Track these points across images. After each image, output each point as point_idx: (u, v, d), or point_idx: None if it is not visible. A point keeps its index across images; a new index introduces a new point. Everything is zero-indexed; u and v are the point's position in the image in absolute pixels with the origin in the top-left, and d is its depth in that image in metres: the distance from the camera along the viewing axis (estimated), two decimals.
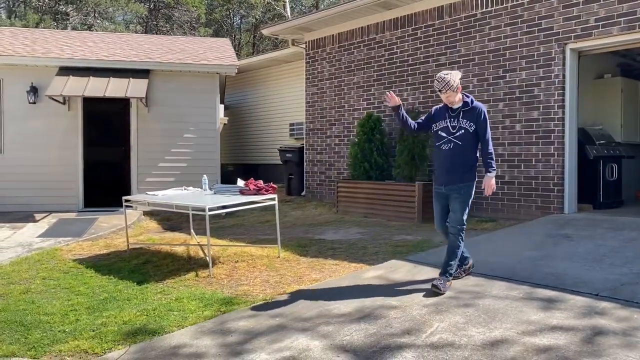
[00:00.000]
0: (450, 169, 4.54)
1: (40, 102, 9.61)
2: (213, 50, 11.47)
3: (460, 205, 4.53)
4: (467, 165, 4.53)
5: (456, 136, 4.50)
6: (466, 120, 4.49)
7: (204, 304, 4.60)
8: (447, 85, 4.42)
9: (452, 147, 4.53)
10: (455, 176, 4.52)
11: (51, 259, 6.74)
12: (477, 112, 4.51)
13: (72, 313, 4.59)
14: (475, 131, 4.50)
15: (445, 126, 4.56)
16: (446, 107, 4.59)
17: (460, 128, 4.50)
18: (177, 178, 10.03)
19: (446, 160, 4.56)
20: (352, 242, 7.06)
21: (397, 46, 9.74)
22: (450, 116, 4.55)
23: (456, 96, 4.50)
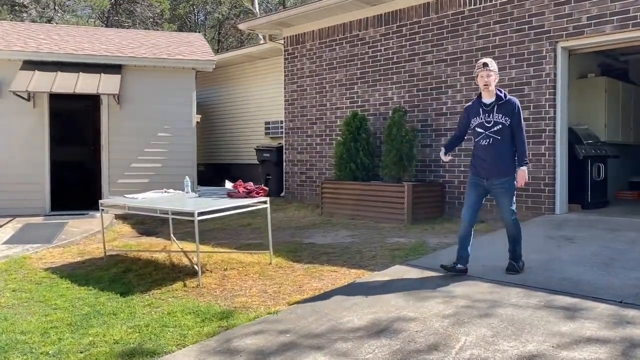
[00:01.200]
0: (492, 163, 4.64)
1: (2, 99, 8.93)
2: (187, 45, 10.97)
3: (509, 198, 4.72)
4: (508, 158, 4.65)
5: (494, 131, 4.61)
6: (501, 115, 4.58)
7: (201, 319, 4.21)
8: (492, 63, 4.61)
9: (492, 142, 4.63)
10: (498, 170, 4.64)
11: (20, 268, 6.20)
12: (512, 106, 4.60)
13: (53, 331, 4.15)
14: (510, 125, 4.59)
15: (481, 122, 4.65)
16: (479, 102, 4.70)
17: (496, 123, 4.59)
18: (152, 179, 9.53)
19: (487, 155, 4.65)
20: (345, 246, 6.78)
21: (381, 43, 9.50)
22: (485, 111, 4.64)
23: (493, 83, 4.60)
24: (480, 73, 4.60)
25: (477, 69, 4.67)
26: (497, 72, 4.69)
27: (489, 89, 4.60)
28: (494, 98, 4.63)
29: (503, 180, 4.65)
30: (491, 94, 4.64)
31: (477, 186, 4.78)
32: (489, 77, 4.56)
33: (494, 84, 4.63)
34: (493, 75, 4.60)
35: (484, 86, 4.61)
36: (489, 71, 4.57)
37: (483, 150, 4.69)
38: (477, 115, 4.68)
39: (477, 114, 4.69)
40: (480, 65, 4.63)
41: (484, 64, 4.60)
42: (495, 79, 4.63)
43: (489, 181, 4.69)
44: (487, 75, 4.56)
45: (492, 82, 4.58)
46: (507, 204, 4.71)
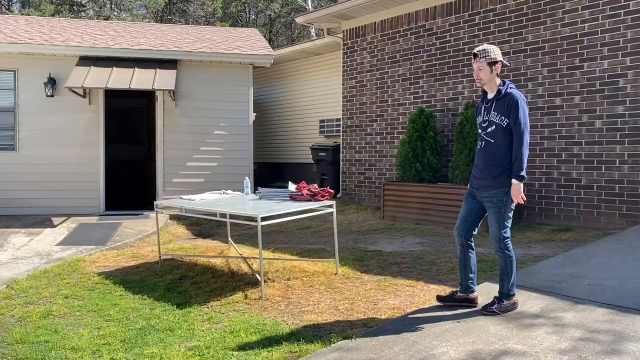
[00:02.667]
0: (482, 171, 3.84)
1: (59, 95, 8.77)
2: (243, 40, 10.57)
3: (495, 216, 3.80)
4: (500, 166, 3.74)
5: (487, 133, 3.81)
6: (497, 113, 3.74)
7: (267, 341, 3.70)
8: (482, 52, 3.73)
9: (484, 146, 3.84)
10: (485, 180, 3.82)
11: (73, 272, 5.91)
12: (508, 102, 3.68)
13: (105, 348, 3.74)
14: (508, 126, 3.70)
15: (480, 122, 3.91)
16: (483, 98, 3.91)
17: (491, 123, 3.77)
18: (207, 179, 9.18)
19: (478, 161, 3.91)
20: (416, 256, 6.15)
21: (450, 34, 8.79)
22: (485, 108, 3.86)
23: (490, 75, 3.74)
24: (473, 66, 3.82)
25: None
26: (498, 60, 3.74)
27: (482, 84, 3.81)
28: (495, 93, 3.79)
29: (492, 192, 3.78)
30: (493, 88, 3.80)
31: (470, 196, 4.00)
32: (479, 70, 3.75)
33: (492, 78, 3.76)
34: (485, 69, 3.73)
35: (476, 81, 3.85)
36: (479, 63, 3.73)
37: (477, 155, 3.94)
38: (480, 113, 3.92)
39: (479, 113, 3.93)
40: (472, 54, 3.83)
41: (474, 55, 3.79)
42: (490, 72, 3.74)
43: (479, 192, 3.88)
44: (477, 68, 3.76)
45: (484, 77, 3.75)
46: (494, 224, 3.80)
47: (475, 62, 3.77)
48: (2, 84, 8.81)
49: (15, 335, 4.03)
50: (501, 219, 3.78)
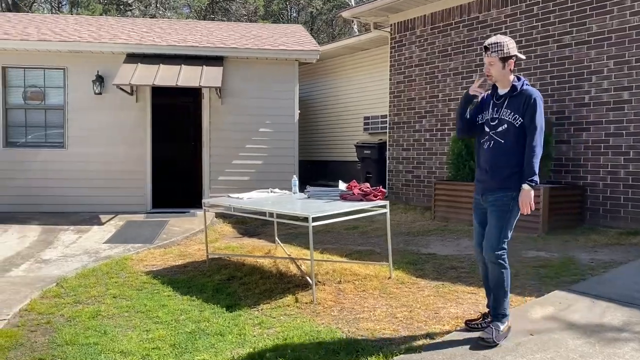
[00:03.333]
0: (488, 173, 3.47)
1: (107, 93, 8.80)
2: (289, 36, 10.40)
3: (496, 222, 3.37)
4: (509, 168, 3.37)
5: (497, 132, 3.42)
6: (510, 111, 3.36)
7: (324, 350, 3.48)
8: (495, 46, 3.35)
9: (493, 146, 3.45)
10: (492, 182, 3.43)
11: (121, 270, 5.84)
12: (524, 100, 3.31)
13: (155, 353, 3.59)
14: (522, 126, 3.33)
15: (487, 119, 3.49)
16: (493, 92, 3.51)
17: (502, 121, 3.39)
18: (252, 177, 9.05)
19: (484, 162, 3.51)
20: (474, 260, 5.79)
21: (506, 25, 8.36)
22: (495, 105, 3.47)
23: (502, 70, 3.37)
24: (485, 60, 3.44)
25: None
26: (512, 55, 3.36)
27: (493, 81, 3.45)
28: (508, 89, 3.41)
29: (498, 195, 3.38)
30: (505, 84, 3.42)
31: (477, 207, 3.60)
32: (490, 65, 3.38)
33: (505, 74, 3.39)
34: (497, 64, 3.35)
35: (487, 77, 3.47)
36: (491, 58, 3.37)
37: (483, 156, 3.53)
38: (487, 109, 3.51)
39: (487, 108, 3.52)
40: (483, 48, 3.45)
41: (484, 48, 3.41)
42: (502, 68, 3.36)
43: (483, 196, 3.50)
44: (488, 62, 3.39)
45: (495, 73, 3.38)
46: (494, 230, 3.37)
47: (486, 56, 3.40)
48: (53, 82, 8.91)
49: (64, 336, 3.95)
50: (503, 226, 3.37)
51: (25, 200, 8.57)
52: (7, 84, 8.76)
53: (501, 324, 3.35)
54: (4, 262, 6.11)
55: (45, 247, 6.84)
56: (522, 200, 3.28)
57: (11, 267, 5.95)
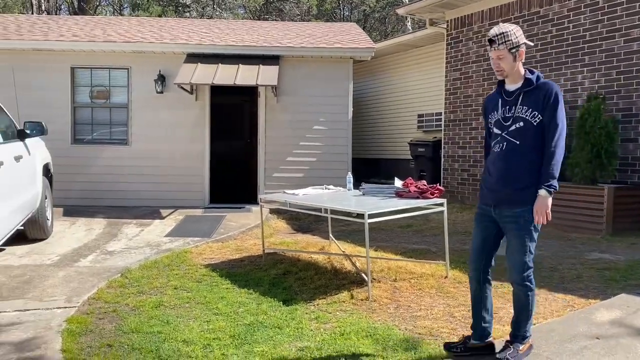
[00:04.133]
0: (501, 182, 3.05)
1: (168, 92, 9.10)
2: (344, 34, 10.43)
3: (520, 241, 3.01)
4: (527, 176, 2.98)
5: (510, 132, 3.01)
6: (527, 108, 2.97)
7: (381, 347, 3.49)
8: (501, 37, 2.94)
9: (505, 149, 3.04)
10: (509, 193, 3.02)
11: (181, 263, 6.03)
12: (545, 94, 2.94)
13: (216, 343, 3.70)
14: (541, 124, 2.96)
15: (498, 119, 3.09)
16: (500, 90, 3.14)
17: (517, 119, 2.99)
18: (306, 174, 9.13)
19: (496, 169, 3.09)
20: (536, 262, 5.63)
21: (569, 20, 8.06)
22: (506, 102, 3.07)
23: (513, 63, 2.99)
24: (490, 54, 3.05)
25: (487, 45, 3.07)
26: (521, 43, 2.99)
27: (504, 75, 3.05)
28: (521, 83, 3.03)
29: (517, 211, 3.00)
30: (516, 78, 3.04)
31: (483, 218, 3.21)
32: (499, 59, 2.99)
33: (515, 66, 3.01)
34: (507, 57, 2.97)
35: (496, 72, 3.07)
36: (499, 51, 2.97)
37: (492, 162, 3.14)
38: (496, 109, 3.12)
39: (495, 108, 3.13)
40: (487, 42, 3.04)
41: (489, 41, 3.00)
42: (513, 60, 2.99)
43: (497, 209, 3.09)
44: (496, 56, 3.00)
45: (507, 67, 2.99)
46: (519, 250, 3.03)
47: (492, 50, 3.00)
48: (117, 81, 9.30)
49: (130, 324, 4.12)
50: (528, 245, 3.03)
51: (90, 194, 9.00)
52: (75, 84, 9.21)
53: (521, 345, 3.14)
54: (72, 253, 6.43)
55: (110, 239, 7.15)
56: (537, 209, 2.95)
57: (79, 257, 6.25)
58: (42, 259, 6.09)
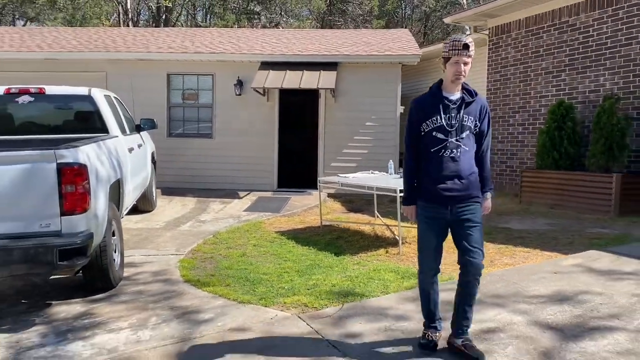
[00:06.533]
0: (462, 182, 3.23)
1: (245, 94, 10.86)
2: (395, 41, 11.82)
3: (480, 234, 3.26)
4: (476, 175, 3.31)
5: (462, 138, 3.22)
6: (469, 117, 3.24)
7: (400, 276, 4.97)
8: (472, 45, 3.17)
9: (462, 153, 3.22)
10: (467, 192, 3.24)
11: (257, 229, 7.69)
12: (482, 107, 3.29)
13: (286, 274, 5.28)
14: (477, 133, 3.29)
15: (441, 125, 3.22)
16: (438, 96, 3.29)
17: (464, 127, 3.22)
18: (358, 164, 10.61)
19: (454, 172, 3.22)
20: (541, 233, 6.90)
21: (593, 28, 9.10)
22: (448, 109, 3.24)
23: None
24: (456, 57, 3.15)
25: (451, 48, 3.17)
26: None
27: (460, 80, 3.22)
28: (461, 93, 3.27)
29: (476, 206, 3.26)
30: (458, 87, 3.27)
31: (438, 222, 3.29)
32: (466, 65, 3.17)
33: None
34: (470, 65, 3.21)
35: (455, 76, 3.19)
36: (469, 57, 3.17)
37: (444, 166, 3.22)
38: (435, 114, 3.23)
39: (435, 112, 3.24)
40: (458, 46, 3.14)
41: (465, 45, 3.13)
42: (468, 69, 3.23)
43: (454, 209, 3.23)
44: (464, 62, 3.15)
45: (466, 73, 3.20)
46: (480, 244, 3.24)
47: (464, 56, 3.15)
48: (204, 85, 11.17)
49: (224, 264, 5.79)
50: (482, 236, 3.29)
51: (181, 178, 10.90)
52: (170, 87, 11.16)
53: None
54: (173, 221, 8.27)
55: (201, 212, 8.96)
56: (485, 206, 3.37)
57: (179, 224, 8.07)
58: (152, 224, 7.95)
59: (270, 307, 4.29)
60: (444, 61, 3.23)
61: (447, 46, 3.19)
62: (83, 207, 4.15)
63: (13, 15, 30.76)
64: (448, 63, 3.20)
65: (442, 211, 3.24)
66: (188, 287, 4.95)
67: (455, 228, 3.26)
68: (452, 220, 3.24)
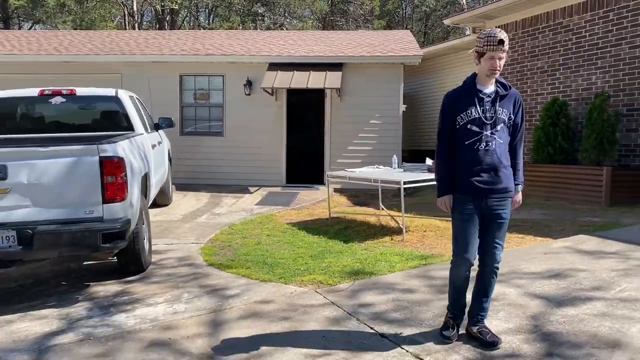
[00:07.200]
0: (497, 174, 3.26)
1: (254, 94, 11.37)
2: (397, 42, 12.32)
3: (504, 231, 3.39)
4: (510, 168, 3.34)
5: (497, 130, 3.25)
6: (504, 110, 3.28)
7: (405, 258, 5.47)
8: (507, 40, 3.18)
9: (497, 146, 3.26)
10: (504, 184, 3.29)
11: (269, 222, 8.20)
12: (516, 99, 3.35)
13: (300, 259, 5.79)
14: (511, 126, 3.33)
15: (477, 117, 3.25)
16: (473, 89, 3.32)
17: (499, 120, 3.25)
18: (364, 160, 11.11)
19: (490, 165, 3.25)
20: (536, 221, 7.38)
21: (585, 30, 9.58)
22: (483, 101, 3.27)
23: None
24: (491, 53, 3.17)
25: (486, 43, 3.18)
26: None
27: (495, 74, 3.26)
28: (495, 87, 3.31)
29: (507, 201, 3.34)
30: (492, 81, 3.31)
31: (473, 214, 3.30)
32: (500, 59, 3.20)
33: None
34: (504, 59, 3.25)
35: (490, 70, 3.22)
36: (504, 52, 3.20)
37: (485, 157, 3.24)
38: (470, 107, 3.27)
39: (469, 104, 3.27)
40: (493, 42, 3.16)
41: (500, 41, 3.15)
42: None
43: (488, 202, 3.28)
44: (499, 57, 3.18)
45: (502, 66, 3.23)
46: (502, 241, 3.37)
47: (498, 51, 3.17)
48: (215, 86, 11.69)
49: (242, 251, 6.29)
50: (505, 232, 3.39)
51: (194, 175, 11.42)
52: (182, 88, 11.67)
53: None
54: (190, 214, 8.78)
55: (215, 206, 9.47)
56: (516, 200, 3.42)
57: (196, 216, 8.58)
58: (170, 217, 8.46)
59: (289, 285, 4.79)
60: (478, 55, 3.24)
61: (481, 41, 3.20)
62: (122, 196, 4.65)
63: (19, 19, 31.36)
64: (482, 58, 3.22)
65: (477, 203, 3.27)
66: (212, 270, 5.46)
67: (485, 221, 3.30)
68: (484, 212, 3.29)
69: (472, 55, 3.47)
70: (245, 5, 25.79)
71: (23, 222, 4.39)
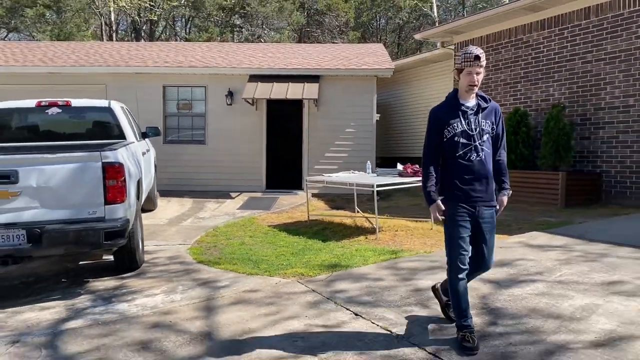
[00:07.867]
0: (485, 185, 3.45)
1: (235, 104, 11.90)
2: (371, 55, 13.00)
3: (493, 241, 3.59)
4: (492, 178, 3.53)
5: (483, 142, 3.43)
6: (487, 122, 3.47)
7: (377, 254, 6.07)
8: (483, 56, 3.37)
9: (484, 156, 3.43)
10: (488, 195, 3.47)
11: (251, 224, 8.72)
12: (496, 111, 3.54)
13: (282, 256, 6.34)
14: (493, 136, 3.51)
15: (463, 129, 3.43)
16: (455, 103, 3.49)
17: (484, 132, 3.44)
18: (340, 166, 11.70)
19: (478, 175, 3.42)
20: (498, 222, 7.99)
21: (543, 45, 10.40)
22: (467, 114, 3.45)
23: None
24: (469, 69, 3.37)
25: (463, 60, 3.38)
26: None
27: (474, 89, 3.43)
28: (476, 100, 3.48)
29: (491, 211, 3.52)
30: (472, 95, 3.48)
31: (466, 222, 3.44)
32: (478, 74, 3.38)
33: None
34: (482, 74, 3.42)
35: (469, 86, 3.40)
36: (481, 67, 3.37)
37: (471, 168, 3.41)
38: (455, 120, 3.44)
39: (454, 119, 3.44)
40: (469, 58, 3.35)
41: (476, 57, 3.34)
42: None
43: (480, 210, 3.45)
44: (477, 72, 3.36)
45: (480, 81, 3.41)
46: (492, 250, 3.58)
47: (476, 67, 3.35)
48: (197, 96, 12.18)
49: (227, 250, 6.81)
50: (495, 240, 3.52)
51: (177, 181, 11.86)
52: (165, 98, 12.14)
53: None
54: (175, 218, 9.25)
55: (199, 211, 9.95)
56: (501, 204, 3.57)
57: (181, 220, 9.05)
58: (157, 221, 8.92)
59: (274, 277, 5.34)
60: (457, 72, 3.43)
61: (459, 58, 3.39)
62: (122, 198, 5.15)
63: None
64: (462, 74, 3.40)
65: (470, 211, 3.41)
66: (202, 266, 5.98)
67: (476, 230, 3.45)
68: (476, 221, 3.43)
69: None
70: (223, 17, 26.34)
71: (32, 222, 4.85)
